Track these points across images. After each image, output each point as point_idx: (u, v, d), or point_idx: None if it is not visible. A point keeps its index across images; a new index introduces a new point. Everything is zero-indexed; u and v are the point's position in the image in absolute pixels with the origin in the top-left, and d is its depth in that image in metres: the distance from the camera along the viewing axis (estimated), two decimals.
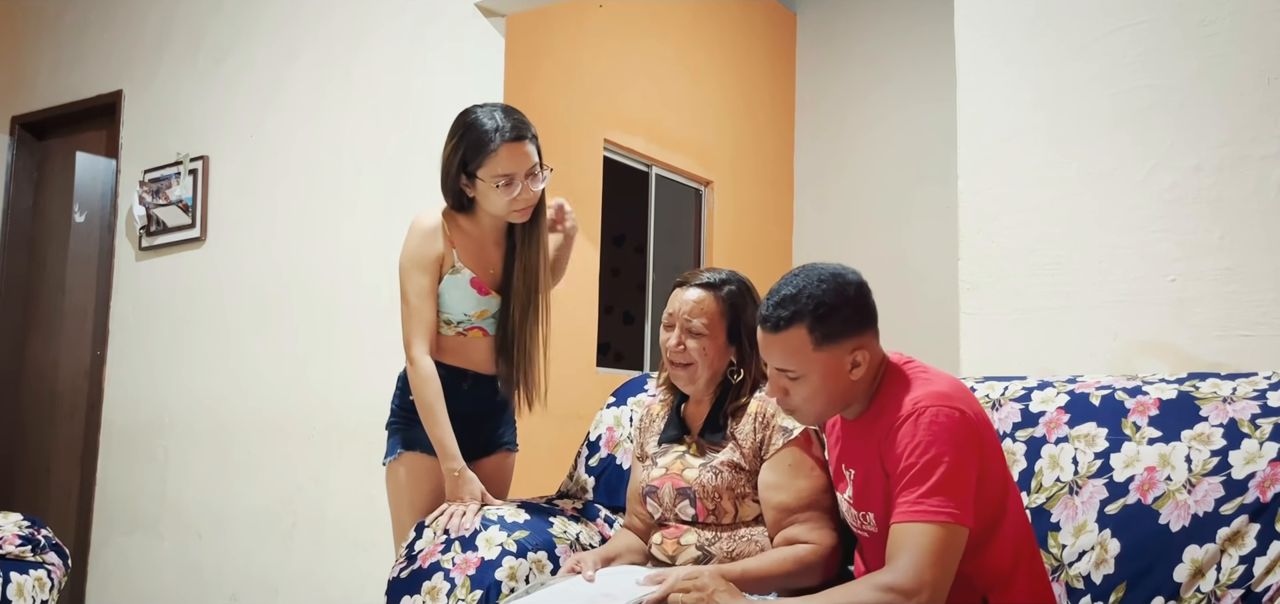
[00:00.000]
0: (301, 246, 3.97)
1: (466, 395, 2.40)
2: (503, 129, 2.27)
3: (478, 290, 2.39)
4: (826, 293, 1.68)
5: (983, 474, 1.63)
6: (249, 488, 3.99)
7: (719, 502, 1.99)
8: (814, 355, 1.68)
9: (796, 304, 1.68)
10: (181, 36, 4.42)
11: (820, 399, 1.72)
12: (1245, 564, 1.66)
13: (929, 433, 1.59)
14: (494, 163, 2.28)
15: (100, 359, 4.49)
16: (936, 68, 5.28)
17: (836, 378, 1.70)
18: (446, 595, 2.09)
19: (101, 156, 4.71)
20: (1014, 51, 2.47)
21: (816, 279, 1.69)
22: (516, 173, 2.29)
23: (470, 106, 2.37)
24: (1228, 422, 1.79)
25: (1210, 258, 2.20)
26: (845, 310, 1.68)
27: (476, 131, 2.29)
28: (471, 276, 2.38)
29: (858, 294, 1.71)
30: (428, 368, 2.31)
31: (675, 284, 2.12)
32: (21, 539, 2.75)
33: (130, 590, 4.28)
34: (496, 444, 2.53)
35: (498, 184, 2.29)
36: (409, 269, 2.36)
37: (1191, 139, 2.24)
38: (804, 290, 1.68)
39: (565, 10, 4.51)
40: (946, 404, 1.62)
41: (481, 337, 2.43)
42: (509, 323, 2.40)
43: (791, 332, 1.68)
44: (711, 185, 5.55)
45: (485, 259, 2.42)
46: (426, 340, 2.33)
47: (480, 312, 2.41)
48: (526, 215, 2.37)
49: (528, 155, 2.30)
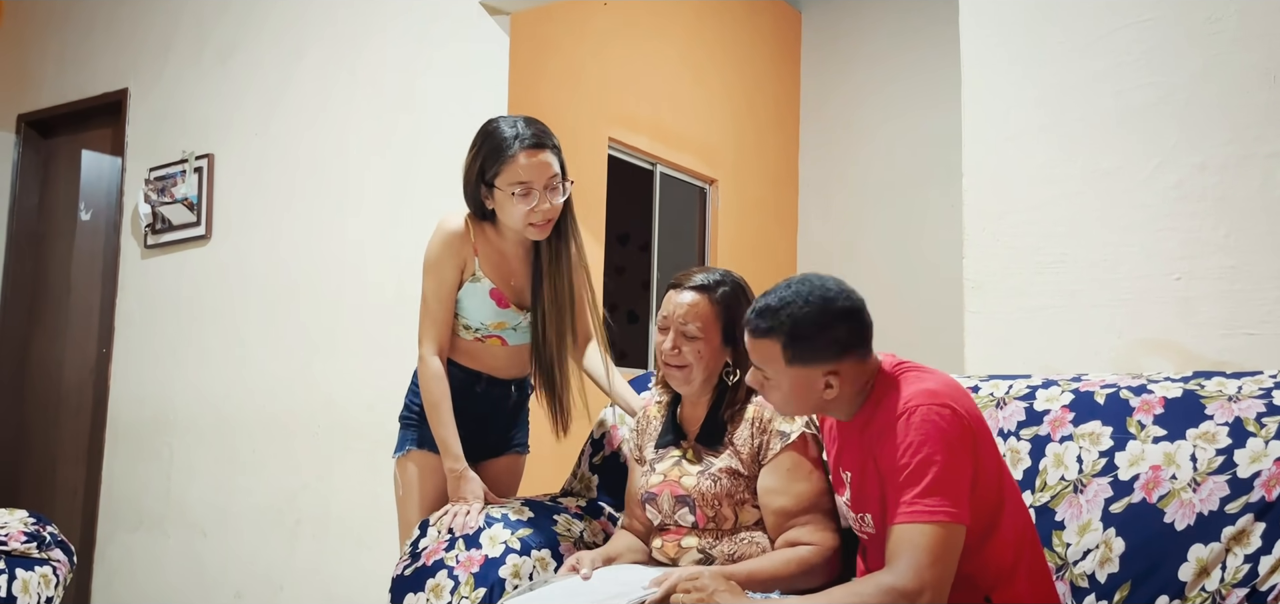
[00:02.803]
0: (307, 245, 3.97)
1: (479, 397, 2.40)
2: (522, 137, 2.24)
3: (496, 301, 2.37)
4: (808, 315, 1.67)
5: (978, 471, 1.63)
6: (254, 485, 4.00)
7: (718, 509, 1.98)
8: (785, 369, 1.70)
9: (775, 319, 1.69)
10: (187, 35, 4.43)
11: (791, 406, 1.76)
12: (1250, 563, 1.66)
13: (921, 432, 1.59)
14: (512, 170, 2.23)
15: (106, 357, 4.50)
16: (942, 68, 5.27)
17: (807, 393, 1.72)
18: (450, 592, 2.09)
19: (107, 155, 4.72)
20: (1018, 50, 2.47)
21: (804, 298, 1.68)
22: (534, 182, 2.24)
23: (494, 116, 2.34)
24: (1233, 420, 1.79)
25: (1215, 256, 2.19)
26: (822, 338, 1.68)
27: (496, 139, 2.26)
28: (491, 287, 2.36)
29: (844, 320, 1.69)
30: (435, 367, 2.31)
31: (669, 285, 2.10)
32: (27, 536, 2.76)
33: (135, 587, 4.29)
34: (508, 446, 2.53)
35: (515, 192, 2.24)
36: (428, 269, 2.35)
37: (1196, 137, 2.23)
38: (787, 307, 1.68)
39: (570, 9, 4.51)
40: (937, 402, 1.62)
41: (499, 345, 2.42)
42: (545, 347, 2.37)
43: (766, 342, 1.70)
44: (716, 184, 5.55)
45: (507, 271, 2.38)
46: (437, 340, 2.33)
47: (498, 323, 2.39)
48: (545, 232, 2.31)
49: (547, 165, 2.25)
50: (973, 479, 1.61)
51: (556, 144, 2.30)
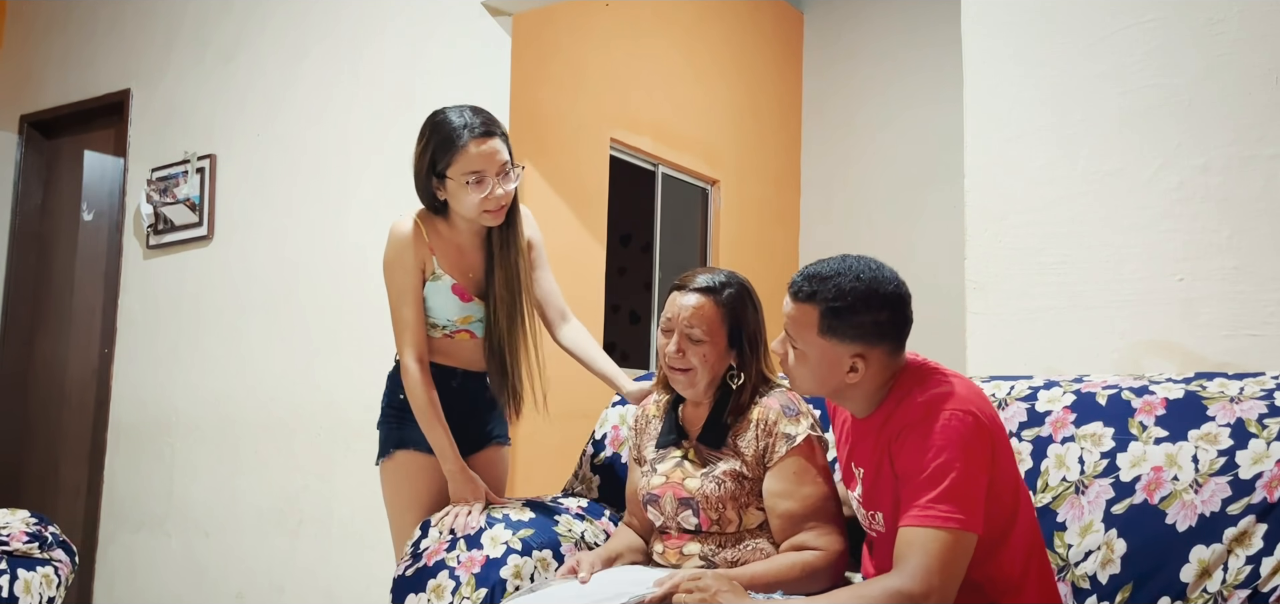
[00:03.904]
0: (309, 245, 3.97)
1: (455, 392, 2.41)
2: (471, 126, 2.25)
3: (460, 296, 2.38)
4: (854, 291, 1.67)
5: (994, 480, 1.61)
6: (255, 486, 4.00)
7: (723, 511, 1.97)
8: (816, 339, 1.69)
9: (821, 286, 1.68)
10: (189, 36, 4.43)
11: (812, 380, 1.74)
12: (1252, 565, 1.66)
13: (941, 437, 1.58)
14: (463, 161, 2.25)
15: (108, 357, 4.51)
16: (944, 68, 5.27)
17: (832, 371, 1.70)
18: (452, 593, 2.09)
19: (109, 155, 4.72)
20: (1021, 50, 2.47)
21: (855, 275, 1.68)
22: (486, 170, 2.26)
23: (439, 108, 2.35)
24: (1235, 421, 1.78)
25: (1218, 257, 2.19)
26: (861, 317, 1.67)
27: (444, 130, 2.27)
28: (453, 283, 2.37)
29: (887, 306, 1.68)
30: (417, 374, 2.32)
31: (672, 287, 2.07)
32: (29, 536, 2.76)
33: (137, 588, 4.29)
34: (487, 439, 2.52)
35: (468, 181, 2.26)
36: (389, 278, 2.37)
37: (1199, 138, 2.23)
38: (835, 278, 1.68)
39: (572, 9, 4.51)
40: (960, 407, 1.61)
41: (469, 338, 2.43)
42: (495, 332, 2.38)
43: (806, 307, 1.69)
44: (718, 185, 5.55)
45: (465, 264, 2.40)
46: (415, 346, 2.34)
47: (464, 317, 2.40)
48: (499, 218, 2.33)
49: (497, 152, 2.27)
50: (988, 488, 1.60)
51: (504, 131, 2.32)
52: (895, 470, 1.66)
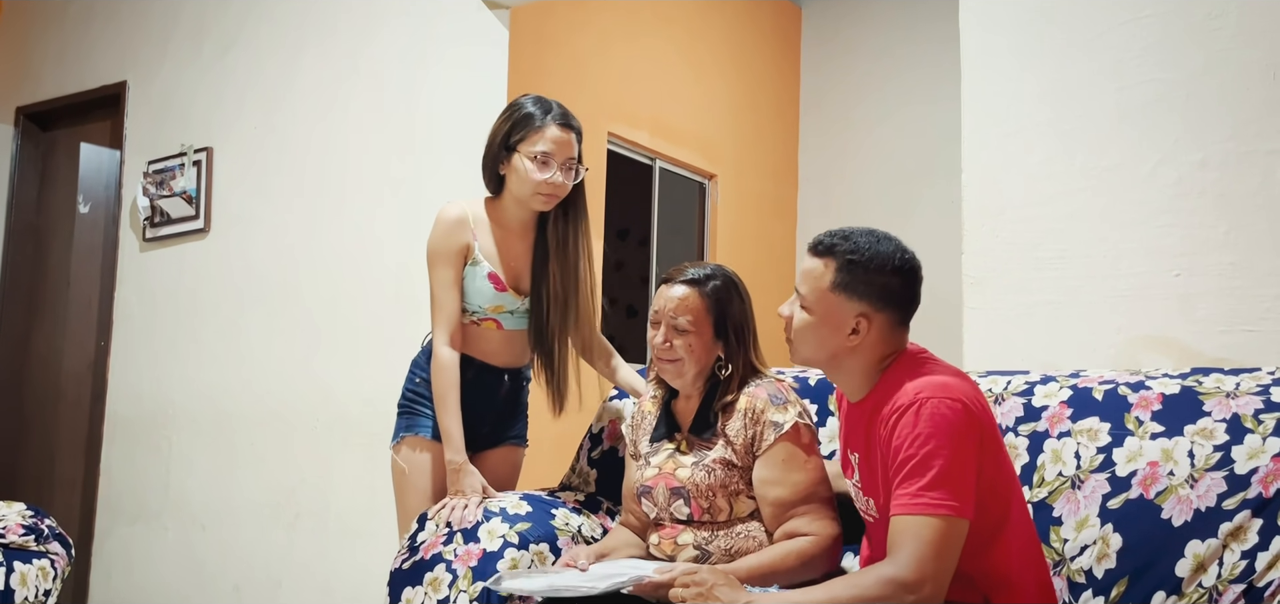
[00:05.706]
0: (306, 239, 3.97)
1: (469, 384, 2.41)
2: (555, 112, 2.38)
3: (494, 285, 2.40)
4: (869, 250, 1.70)
5: (984, 470, 1.62)
6: (252, 480, 4.00)
7: (713, 500, 1.98)
8: (826, 293, 1.71)
9: (841, 241, 1.72)
10: (186, 28, 4.42)
11: (814, 341, 1.75)
12: (1247, 560, 1.66)
13: (929, 424, 1.58)
14: (537, 138, 2.34)
15: (104, 350, 4.50)
16: (942, 63, 5.26)
17: (835, 330, 1.72)
18: (448, 586, 2.09)
19: (106, 148, 4.71)
20: (1018, 46, 2.47)
21: (876, 238, 1.72)
22: (555, 155, 2.35)
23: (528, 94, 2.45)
24: (1231, 417, 1.79)
25: (1215, 253, 2.19)
26: (874, 278, 1.69)
27: (528, 109, 2.39)
28: (490, 270, 2.40)
29: (899, 274, 1.71)
30: (446, 357, 2.36)
31: (661, 281, 2.12)
32: (25, 529, 2.75)
33: (133, 581, 4.29)
34: (502, 438, 2.54)
35: (534, 158, 2.33)
36: (431, 260, 2.42)
37: (1197, 134, 2.23)
38: (854, 236, 1.72)
39: (570, 4, 4.51)
40: (948, 395, 1.61)
41: (495, 329, 2.45)
42: (547, 327, 2.42)
43: (822, 260, 1.72)
44: (715, 179, 5.55)
45: (508, 254, 2.43)
46: (448, 330, 2.38)
47: (495, 306, 2.43)
48: (551, 204, 2.39)
49: (570, 144, 2.38)
50: (978, 476, 1.60)
51: (581, 131, 2.43)
52: (884, 457, 1.66)
